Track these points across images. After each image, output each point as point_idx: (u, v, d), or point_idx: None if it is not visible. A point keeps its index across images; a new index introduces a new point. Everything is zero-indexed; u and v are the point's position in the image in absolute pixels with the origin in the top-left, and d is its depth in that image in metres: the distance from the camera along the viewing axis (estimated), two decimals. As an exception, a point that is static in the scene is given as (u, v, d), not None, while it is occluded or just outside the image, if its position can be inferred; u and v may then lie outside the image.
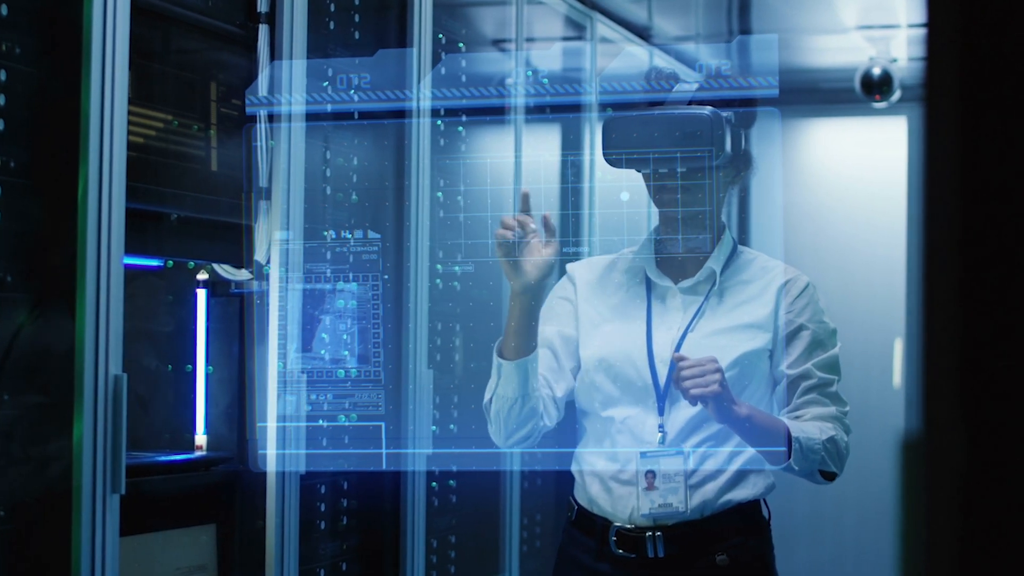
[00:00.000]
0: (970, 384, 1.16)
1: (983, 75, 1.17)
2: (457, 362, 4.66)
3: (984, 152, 1.16)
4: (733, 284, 3.28)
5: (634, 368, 3.22)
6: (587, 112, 5.47)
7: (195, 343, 3.76)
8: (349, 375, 3.82)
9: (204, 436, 3.75)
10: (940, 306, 1.17)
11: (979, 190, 1.16)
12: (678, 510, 3.20)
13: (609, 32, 5.69)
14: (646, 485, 3.21)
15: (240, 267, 3.70)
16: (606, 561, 3.25)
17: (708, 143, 3.12)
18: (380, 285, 3.55)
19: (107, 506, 3.03)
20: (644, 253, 3.30)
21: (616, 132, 3.16)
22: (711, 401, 3.04)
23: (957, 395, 1.17)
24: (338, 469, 4.00)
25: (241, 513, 3.70)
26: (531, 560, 5.17)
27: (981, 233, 1.16)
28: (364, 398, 3.61)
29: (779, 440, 3.12)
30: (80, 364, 2.99)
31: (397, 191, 4.27)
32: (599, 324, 3.28)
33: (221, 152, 3.64)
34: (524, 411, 3.18)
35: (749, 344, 3.21)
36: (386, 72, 3.94)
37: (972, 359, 1.16)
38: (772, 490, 3.28)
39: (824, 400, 3.22)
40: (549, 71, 5.27)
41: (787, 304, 3.26)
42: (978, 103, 1.17)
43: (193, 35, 3.56)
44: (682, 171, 3.17)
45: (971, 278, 1.16)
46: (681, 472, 3.20)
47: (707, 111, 3.13)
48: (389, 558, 4.26)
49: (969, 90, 1.17)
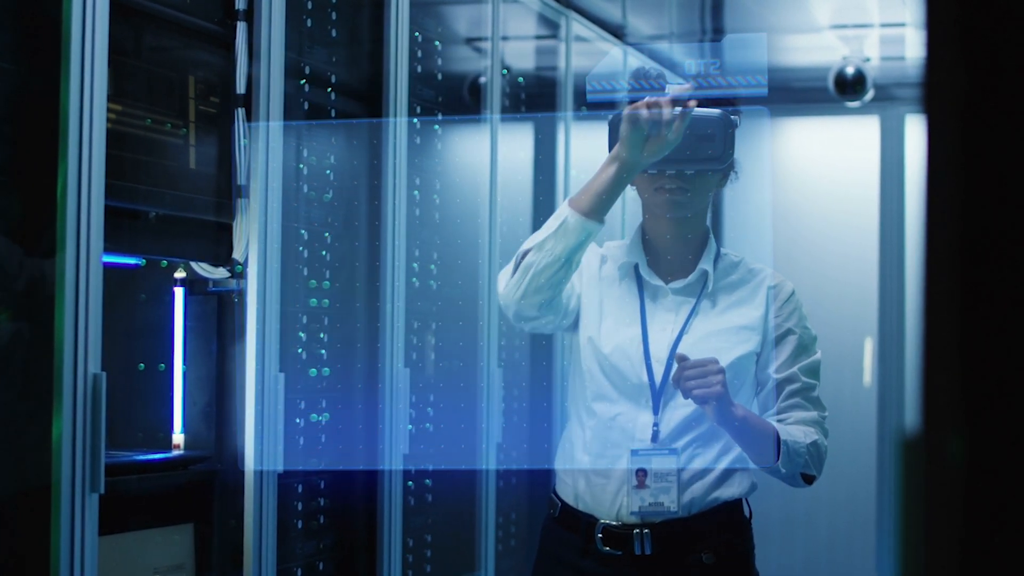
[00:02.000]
0: (971, 382, 1.16)
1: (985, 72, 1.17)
2: (432, 361, 4.65)
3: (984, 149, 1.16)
4: (723, 286, 3.29)
5: (630, 365, 3.22)
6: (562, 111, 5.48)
7: (172, 342, 3.74)
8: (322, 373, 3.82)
9: (182, 435, 3.74)
10: (940, 304, 1.17)
11: (980, 188, 1.16)
12: (669, 509, 3.21)
13: (584, 31, 5.69)
14: (637, 483, 3.21)
15: (218, 265, 3.69)
16: (591, 558, 3.25)
17: (721, 145, 3.12)
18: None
19: (86, 505, 3.02)
20: (634, 250, 3.30)
21: None
22: (712, 402, 3.05)
23: (958, 393, 1.17)
24: (316, 468, 4.00)
25: (219, 512, 3.69)
26: (506, 558, 5.17)
27: (982, 231, 1.16)
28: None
29: (768, 442, 3.14)
30: (59, 363, 2.98)
31: (372, 189, 4.26)
32: (597, 313, 3.28)
33: (199, 150, 3.63)
34: (558, 275, 3.12)
35: (742, 347, 3.23)
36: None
37: (973, 357, 1.16)
38: (754, 490, 3.30)
39: (807, 404, 3.24)
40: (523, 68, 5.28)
41: (776, 308, 3.27)
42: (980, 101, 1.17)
43: (171, 32, 3.54)
44: (689, 173, 3.16)
45: (972, 276, 1.16)
46: (673, 472, 3.20)
47: (718, 112, 3.12)
48: (366, 557, 4.26)
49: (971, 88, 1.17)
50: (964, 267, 1.16)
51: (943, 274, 1.17)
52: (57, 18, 3.02)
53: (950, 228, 1.17)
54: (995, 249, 1.16)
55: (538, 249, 3.11)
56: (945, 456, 1.18)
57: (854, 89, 6.62)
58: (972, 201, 1.16)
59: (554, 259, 3.09)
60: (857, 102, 6.69)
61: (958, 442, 1.17)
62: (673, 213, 3.23)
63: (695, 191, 3.20)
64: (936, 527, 1.18)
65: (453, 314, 4.75)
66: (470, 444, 4.80)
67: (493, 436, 4.86)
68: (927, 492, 1.18)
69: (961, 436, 1.17)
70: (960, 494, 1.17)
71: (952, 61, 1.18)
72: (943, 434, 1.17)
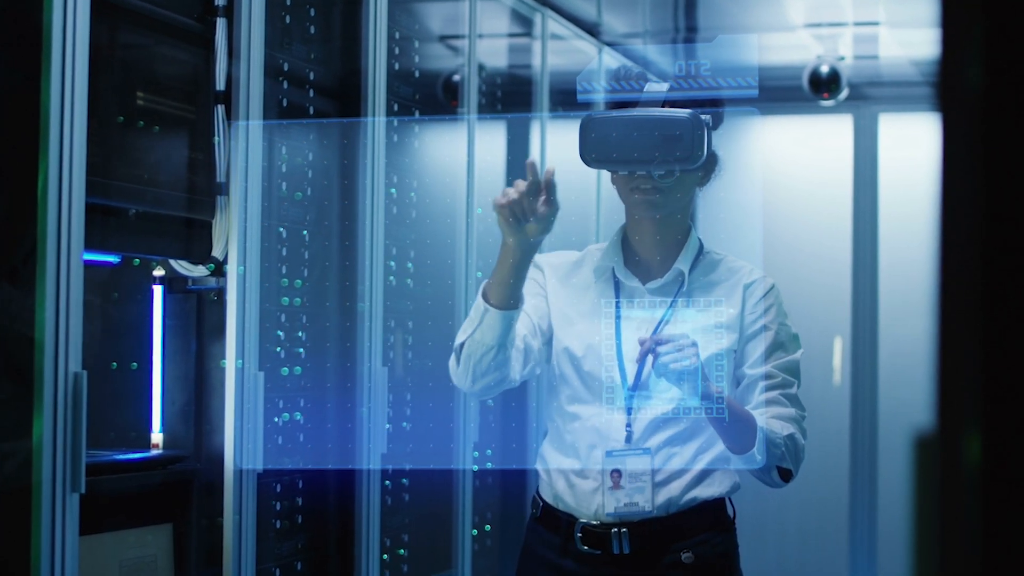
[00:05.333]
0: (989, 381, 1.16)
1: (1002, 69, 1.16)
2: (411, 359, 4.64)
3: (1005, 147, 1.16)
4: (701, 285, 3.28)
5: (603, 367, 3.23)
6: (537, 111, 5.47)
7: (151, 340, 3.72)
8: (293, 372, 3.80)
9: (160, 434, 3.71)
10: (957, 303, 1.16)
11: (1000, 187, 1.15)
12: (644, 509, 3.21)
13: (560, 29, 5.68)
14: (612, 484, 3.22)
15: (197, 263, 3.67)
16: (571, 557, 3.26)
17: (688, 145, 3.12)
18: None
19: (67, 505, 3.00)
20: (612, 252, 3.31)
21: (595, 132, 3.15)
22: (687, 378, 3.05)
23: (975, 393, 1.16)
24: (295, 467, 3.98)
25: (198, 512, 3.67)
26: (482, 558, 5.16)
27: (1001, 233, 1.15)
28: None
29: (746, 427, 3.14)
30: (40, 361, 2.95)
31: (349, 188, 4.24)
32: (570, 320, 3.28)
33: (178, 147, 3.61)
34: (497, 359, 3.16)
35: (718, 345, 3.23)
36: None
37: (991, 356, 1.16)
38: (737, 489, 3.29)
39: (784, 401, 3.23)
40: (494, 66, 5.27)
41: (751, 304, 3.27)
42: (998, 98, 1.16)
43: (150, 28, 3.52)
44: (659, 173, 3.17)
45: (990, 274, 1.15)
46: (647, 472, 3.21)
47: (687, 114, 3.12)
48: (343, 556, 4.24)
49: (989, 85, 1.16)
50: (983, 266, 1.15)
51: (960, 272, 1.16)
52: (38, 16, 3.00)
53: (968, 228, 1.16)
54: (1015, 248, 1.15)
55: (471, 341, 3.16)
56: (961, 456, 1.17)
57: (829, 88, 6.62)
58: (992, 200, 1.15)
59: (487, 348, 3.14)
60: (831, 101, 6.69)
61: (974, 442, 1.16)
62: (648, 214, 3.24)
63: (669, 191, 3.20)
64: (951, 528, 1.17)
65: (429, 313, 4.73)
66: (447, 444, 4.79)
67: (470, 436, 4.85)
68: (942, 492, 1.18)
69: (978, 435, 1.16)
70: (976, 494, 1.16)
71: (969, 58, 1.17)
72: (959, 434, 1.17)
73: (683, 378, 3.06)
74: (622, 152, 3.13)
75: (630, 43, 6.26)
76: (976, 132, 1.17)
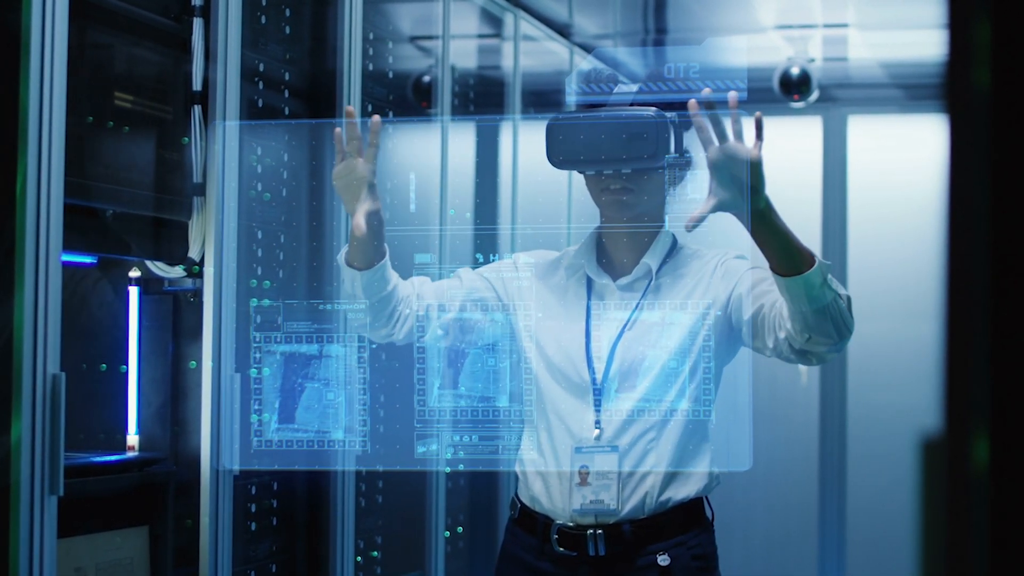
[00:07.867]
0: (997, 385, 1.16)
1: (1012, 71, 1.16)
2: (383, 359, 4.63)
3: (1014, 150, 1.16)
4: (671, 279, 3.28)
5: (572, 365, 3.24)
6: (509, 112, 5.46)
7: (127, 341, 3.70)
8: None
9: (136, 436, 3.70)
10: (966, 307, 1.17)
11: (1008, 191, 1.15)
12: (609, 507, 3.20)
13: (531, 29, 5.68)
14: (579, 480, 3.22)
15: (173, 264, 3.66)
16: (548, 559, 3.26)
17: (653, 144, 3.13)
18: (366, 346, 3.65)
19: (45, 507, 2.98)
20: (585, 252, 3.31)
21: (562, 134, 3.17)
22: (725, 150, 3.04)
23: (983, 396, 1.16)
24: (269, 468, 3.96)
25: (175, 514, 3.66)
26: (455, 560, 5.16)
27: (1009, 236, 1.16)
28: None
29: (798, 246, 3.06)
30: (18, 363, 2.94)
31: (326, 188, 4.23)
32: (541, 319, 3.29)
33: (154, 147, 3.59)
34: (382, 313, 3.35)
35: (687, 336, 3.21)
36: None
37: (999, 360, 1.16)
38: (716, 486, 3.28)
39: None
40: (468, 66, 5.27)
41: (729, 264, 3.22)
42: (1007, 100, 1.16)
43: (128, 29, 3.50)
44: (627, 172, 3.17)
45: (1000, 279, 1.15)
46: (614, 469, 3.20)
47: (651, 113, 3.14)
48: (317, 558, 4.23)
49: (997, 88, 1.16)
50: (992, 270, 1.15)
51: (969, 277, 1.16)
52: (16, 17, 2.98)
53: (975, 231, 1.16)
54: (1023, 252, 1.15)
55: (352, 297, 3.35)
56: (968, 459, 1.17)
57: (799, 90, 6.64)
58: (999, 202, 1.15)
59: (369, 305, 3.36)
60: (802, 103, 6.71)
61: (982, 445, 1.17)
62: (619, 214, 3.25)
63: (639, 190, 3.21)
64: (958, 530, 1.18)
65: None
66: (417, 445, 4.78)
67: (444, 437, 4.84)
68: (949, 495, 1.18)
69: (985, 439, 1.16)
70: (984, 497, 1.16)
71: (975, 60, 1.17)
72: (967, 437, 1.17)
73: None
74: (588, 153, 3.16)
75: (601, 44, 6.27)
76: (983, 134, 1.17)
